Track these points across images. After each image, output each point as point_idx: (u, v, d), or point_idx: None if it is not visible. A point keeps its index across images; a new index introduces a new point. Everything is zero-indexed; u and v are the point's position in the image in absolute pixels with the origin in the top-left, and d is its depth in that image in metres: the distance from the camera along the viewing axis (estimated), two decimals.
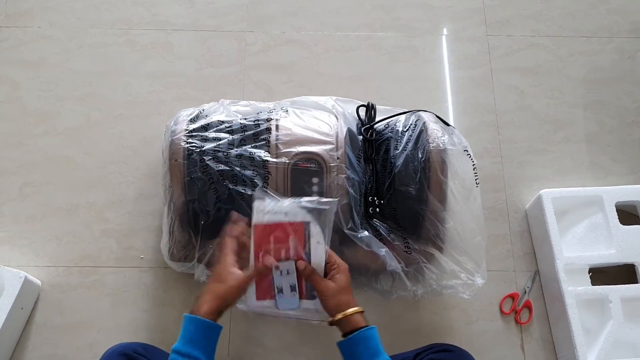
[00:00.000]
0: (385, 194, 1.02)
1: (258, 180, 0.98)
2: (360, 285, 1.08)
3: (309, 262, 0.88)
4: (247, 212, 0.98)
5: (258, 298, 0.91)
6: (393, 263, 1.00)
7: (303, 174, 0.99)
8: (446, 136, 1.03)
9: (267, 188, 0.97)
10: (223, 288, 0.84)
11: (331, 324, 0.88)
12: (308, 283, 0.90)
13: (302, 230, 0.88)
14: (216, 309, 0.83)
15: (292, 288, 0.90)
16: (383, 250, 0.99)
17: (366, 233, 0.99)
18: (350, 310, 0.86)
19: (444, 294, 1.05)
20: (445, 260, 1.02)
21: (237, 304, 0.90)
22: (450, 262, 1.02)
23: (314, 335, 1.15)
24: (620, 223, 1.18)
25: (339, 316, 0.86)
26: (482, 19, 1.48)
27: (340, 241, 1.00)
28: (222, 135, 1.01)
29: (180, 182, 0.99)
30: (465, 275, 1.02)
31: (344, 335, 0.86)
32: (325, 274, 0.90)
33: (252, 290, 0.90)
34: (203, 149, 0.99)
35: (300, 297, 0.91)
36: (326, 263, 0.89)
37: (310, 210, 0.88)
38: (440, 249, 1.02)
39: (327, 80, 1.40)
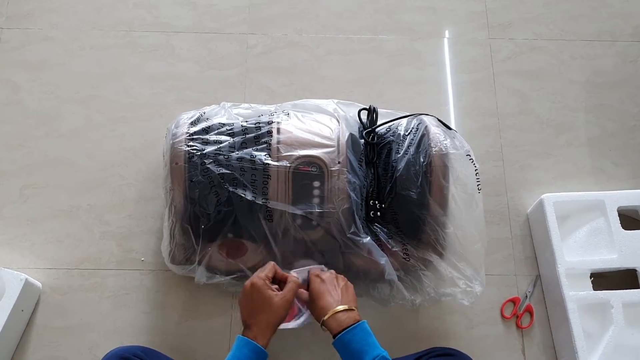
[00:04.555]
0: (386, 198, 1.01)
1: (258, 185, 0.98)
2: (358, 292, 1.07)
3: None
4: (246, 214, 0.99)
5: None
6: (392, 273, 0.99)
7: (304, 178, 0.98)
8: (448, 140, 1.02)
9: (267, 199, 0.98)
10: (276, 317, 0.89)
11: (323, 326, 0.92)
12: None
13: None
14: (267, 335, 0.88)
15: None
16: (383, 260, 0.99)
17: (369, 238, 0.98)
18: (330, 312, 0.89)
19: (442, 301, 1.04)
20: (444, 267, 1.01)
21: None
22: (449, 269, 1.01)
23: (313, 337, 1.14)
24: (622, 228, 1.17)
25: (324, 319, 0.89)
26: (485, 22, 1.48)
27: (340, 247, 1.00)
28: (223, 138, 1.01)
29: (181, 186, 0.99)
30: (464, 282, 1.02)
31: (334, 336, 0.89)
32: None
33: None
34: (204, 152, 0.99)
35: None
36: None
37: None
38: (440, 255, 1.01)
39: (329, 83, 1.40)
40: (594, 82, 1.42)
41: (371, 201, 1.02)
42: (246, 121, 1.04)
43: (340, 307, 0.89)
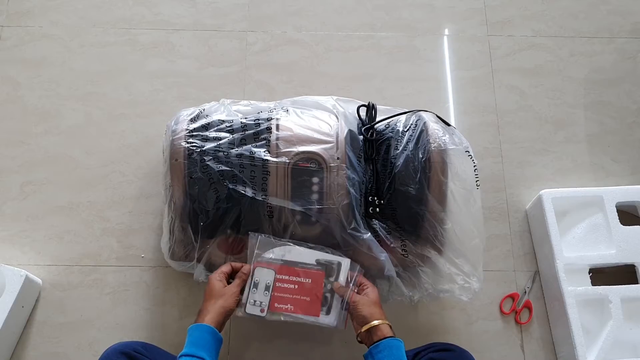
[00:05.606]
0: (385, 194, 1.02)
1: (257, 181, 0.98)
2: None
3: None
4: (250, 211, 0.99)
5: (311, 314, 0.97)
6: (391, 269, 1.00)
7: (303, 174, 0.99)
8: (447, 136, 1.03)
9: (266, 196, 0.98)
10: (223, 301, 0.92)
11: (359, 337, 0.92)
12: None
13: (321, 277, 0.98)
14: (217, 319, 0.90)
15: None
16: (383, 256, 0.99)
17: (369, 234, 0.99)
18: (378, 321, 0.90)
19: (440, 298, 1.04)
20: (442, 263, 1.01)
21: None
22: (448, 265, 1.02)
23: (313, 336, 1.15)
24: (621, 223, 1.18)
25: (367, 327, 0.90)
26: (483, 19, 1.48)
27: (339, 243, 1.00)
28: (223, 134, 1.01)
29: (181, 182, 0.99)
30: (462, 278, 1.02)
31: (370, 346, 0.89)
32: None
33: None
34: (203, 148, 0.99)
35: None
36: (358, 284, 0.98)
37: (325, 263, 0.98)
38: (439, 251, 1.01)
39: (328, 80, 1.40)
40: (593, 79, 1.42)
41: (370, 197, 1.02)
42: (245, 118, 1.04)
43: (383, 321, 0.91)
